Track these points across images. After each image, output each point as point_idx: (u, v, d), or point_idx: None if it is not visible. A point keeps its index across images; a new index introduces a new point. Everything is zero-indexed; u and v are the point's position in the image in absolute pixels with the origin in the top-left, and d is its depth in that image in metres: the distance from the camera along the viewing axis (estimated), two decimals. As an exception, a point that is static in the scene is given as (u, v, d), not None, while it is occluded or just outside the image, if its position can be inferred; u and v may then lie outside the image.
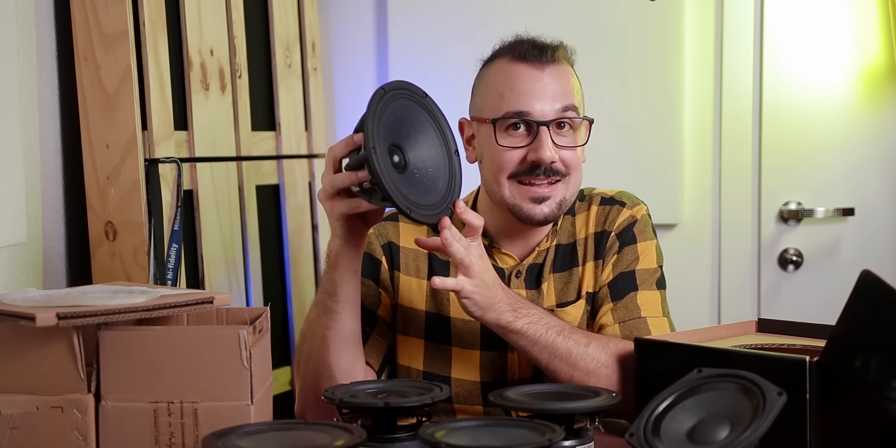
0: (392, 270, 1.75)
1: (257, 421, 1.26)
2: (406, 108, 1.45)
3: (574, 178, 1.68)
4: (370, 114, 1.38)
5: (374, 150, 1.36)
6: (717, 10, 2.70)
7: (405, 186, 1.41)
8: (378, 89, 1.41)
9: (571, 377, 1.55)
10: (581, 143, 1.68)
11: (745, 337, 1.63)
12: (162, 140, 1.98)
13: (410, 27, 2.75)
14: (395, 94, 1.43)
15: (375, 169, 1.36)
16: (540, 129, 1.63)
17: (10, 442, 1.25)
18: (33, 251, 1.82)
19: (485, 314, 1.53)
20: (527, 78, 1.66)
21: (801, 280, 2.74)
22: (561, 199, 1.67)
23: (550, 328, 1.56)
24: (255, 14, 2.37)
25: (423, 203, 1.43)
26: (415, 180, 1.44)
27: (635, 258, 1.71)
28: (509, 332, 1.55)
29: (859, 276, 1.27)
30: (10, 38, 1.74)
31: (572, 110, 1.66)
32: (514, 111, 1.64)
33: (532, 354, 1.57)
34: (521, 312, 1.55)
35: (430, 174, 1.46)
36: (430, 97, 1.48)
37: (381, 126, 1.39)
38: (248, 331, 1.26)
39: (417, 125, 1.46)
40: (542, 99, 1.64)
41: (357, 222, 1.51)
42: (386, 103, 1.41)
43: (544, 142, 1.63)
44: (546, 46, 1.68)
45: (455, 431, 1.19)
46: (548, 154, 1.63)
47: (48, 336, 1.24)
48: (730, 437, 1.15)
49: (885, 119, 2.71)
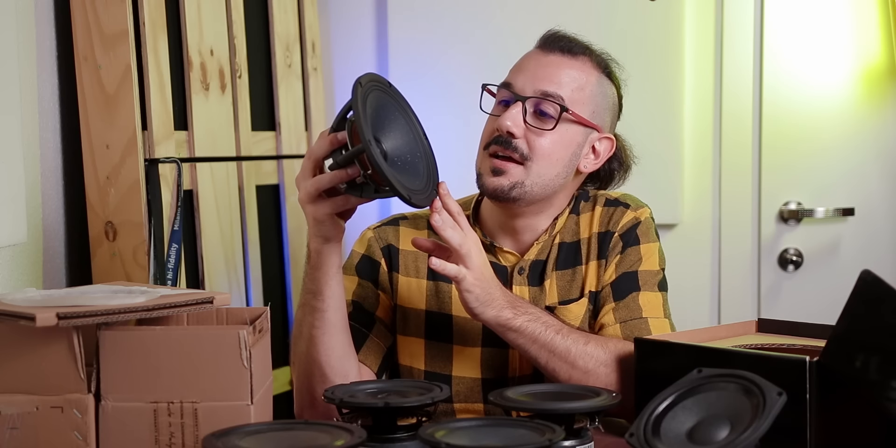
0: (391, 272, 1.76)
1: (257, 421, 1.27)
2: (378, 99, 1.46)
3: (539, 167, 1.66)
4: (360, 108, 1.38)
5: (372, 143, 1.37)
6: (717, 10, 2.70)
7: (397, 174, 1.42)
8: (356, 83, 1.41)
9: (570, 376, 1.56)
10: (549, 128, 1.65)
11: (745, 337, 1.63)
12: (162, 140, 1.98)
13: (410, 27, 2.75)
14: (369, 87, 1.44)
15: (376, 161, 1.36)
16: (515, 102, 1.65)
17: (10, 442, 1.25)
18: (33, 251, 1.82)
19: (484, 311, 1.52)
20: (529, 57, 1.71)
21: (801, 280, 2.74)
22: (516, 181, 1.65)
23: (549, 326, 1.56)
24: (255, 14, 2.37)
25: (415, 188, 1.45)
26: (400, 167, 1.46)
27: (638, 259, 1.71)
28: (508, 330, 1.55)
29: (859, 276, 1.27)
30: (10, 38, 1.74)
31: (554, 98, 1.65)
32: (503, 82, 1.70)
33: (531, 353, 1.57)
34: (519, 310, 1.55)
35: (409, 160, 1.48)
36: (393, 86, 1.51)
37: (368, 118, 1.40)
38: (248, 331, 1.26)
39: (389, 115, 1.48)
40: (527, 76, 1.68)
41: (337, 219, 1.51)
42: (364, 97, 1.42)
43: (509, 111, 1.65)
44: (563, 38, 1.71)
45: (455, 431, 1.19)
46: (507, 123, 1.64)
47: (48, 336, 1.24)
48: (730, 437, 1.15)
49: (885, 119, 2.71)
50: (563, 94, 1.66)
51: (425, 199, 1.46)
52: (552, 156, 1.67)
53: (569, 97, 1.67)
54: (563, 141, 1.67)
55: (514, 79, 1.69)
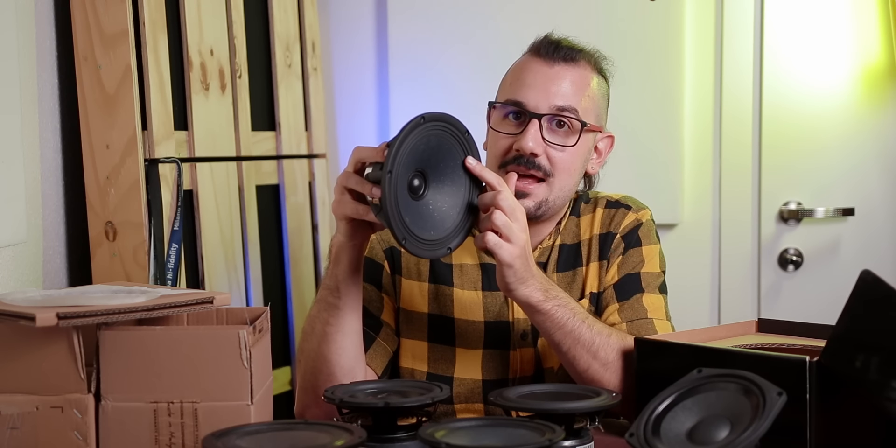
0: (394, 274, 1.75)
1: (257, 421, 1.27)
2: (443, 139, 1.42)
3: (560, 181, 1.67)
4: (400, 138, 1.36)
5: (391, 174, 1.35)
6: (717, 10, 2.70)
7: (411, 215, 1.39)
8: (418, 117, 1.39)
9: (589, 366, 1.54)
10: (571, 144, 1.66)
11: (745, 337, 1.63)
12: (162, 140, 1.98)
13: (410, 27, 2.75)
14: (435, 126, 1.41)
15: (384, 193, 1.35)
16: (531, 120, 1.64)
17: (10, 442, 1.25)
18: (33, 251, 1.82)
19: (518, 288, 1.49)
20: (533, 70, 1.68)
21: (801, 280, 2.74)
22: (541, 201, 1.67)
23: (576, 314, 1.54)
24: (255, 14, 2.37)
25: (423, 236, 1.41)
26: (426, 211, 1.43)
27: (640, 261, 1.71)
28: (537, 312, 1.52)
29: (859, 276, 1.27)
30: (10, 38, 1.74)
31: (570, 112, 1.66)
32: (511, 99, 1.67)
33: (555, 338, 1.54)
34: (551, 293, 1.52)
35: (443, 210, 1.45)
36: (470, 134, 1.46)
37: (408, 152, 1.37)
38: (248, 331, 1.26)
39: (450, 160, 1.44)
40: (539, 92, 1.66)
41: (363, 224, 1.50)
42: (422, 132, 1.39)
43: (529, 132, 1.64)
44: (563, 45, 1.69)
45: (455, 431, 1.19)
46: (529, 144, 1.63)
47: (48, 336, 1.24)
48: (730, 437, 1.15)
49: (885, 119, 2.71)
50: (576, 106, 1.66)
51: (427, 251, 1.42)
52: (571, 168, 1.68)
53: (581, 108, 1.67)
54: (579, 152, 1.68)
55: (523, 96, 1.66)
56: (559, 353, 1.57)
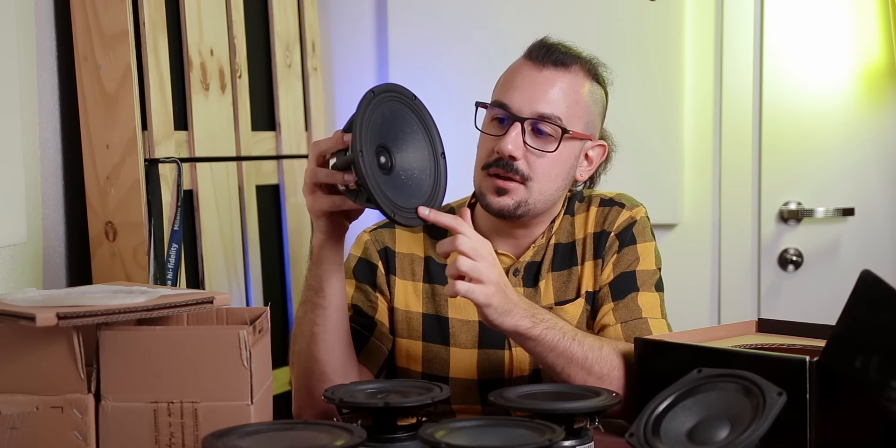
0: (388, 275, 1.75)
1: (257, 421, 1.26)
2: (395, 110, 1.45)
3: (539, 186, 1.65)
4: (358, 117, 1.38)
5: (362, 153, 1.36)
6: (717, 10, 2.70)
7: (390, 189, 1.40)
8: (367, 92, 1.41)
9: (585, 381, 1.53)
10: (551, 150, 1.64)
11: (745, 337, 1.63)
12: (162, 140, 1.98)
13: (410, 27, 2.75)
14: (385, 97, 1.43)
15: (362, 173, 1.35)
16: (513, 123, 1.63)
17: (10, 442, 1.25)
18: (33, 251, 1.82)
19: (504, 321, 1.48)
20: (522, 74, 1.67)
21: (801, 280, 2.74)
22: (520, 201, 1.65)
23: (566, 333, 1.53)
24: (255, 14, 2.37)
25: (406, 206, 1.42)
26: (400, 182, 1.44)
27: (635, 259, 1.71)
28: (527, 339, 1.51)
29: (859, 276, 1.27)
30: (10, 38, 1.74)
31: (552, 118, 1.63)
32: (497, 101, 1.67)
33: (548, 360, 1.53)
34: (537, 317, 1.51)
35: (415, 176, 1.46)
36: (418, 99, 1.48)
37: (369, 129, 1.39)
38: (248, 331, 1.26)
39: (405, 127, 1.46)
40: (524, 96, 1.64)
41: (339, 217, 1.51)
42: (375, 106, 1.41)
43: (510, 135, 1.63)
44: (556, 50, 1.67)
45: (455, 431, 1.19)
46: (508, 146, 1.62)
47: (48, 336, 1.24)
48: (730, 437, 1.15)
49: (885, 119, 2.71)
50: (560, 114, 1.64)
51: (414, 219, 1.43)
52: (551, 173, 1.66)
53: (566, 115, 1.64)
54: (561, 158, 1.67)
55: (509, 98, 1.65)
56: (553, 373, 1.56)
